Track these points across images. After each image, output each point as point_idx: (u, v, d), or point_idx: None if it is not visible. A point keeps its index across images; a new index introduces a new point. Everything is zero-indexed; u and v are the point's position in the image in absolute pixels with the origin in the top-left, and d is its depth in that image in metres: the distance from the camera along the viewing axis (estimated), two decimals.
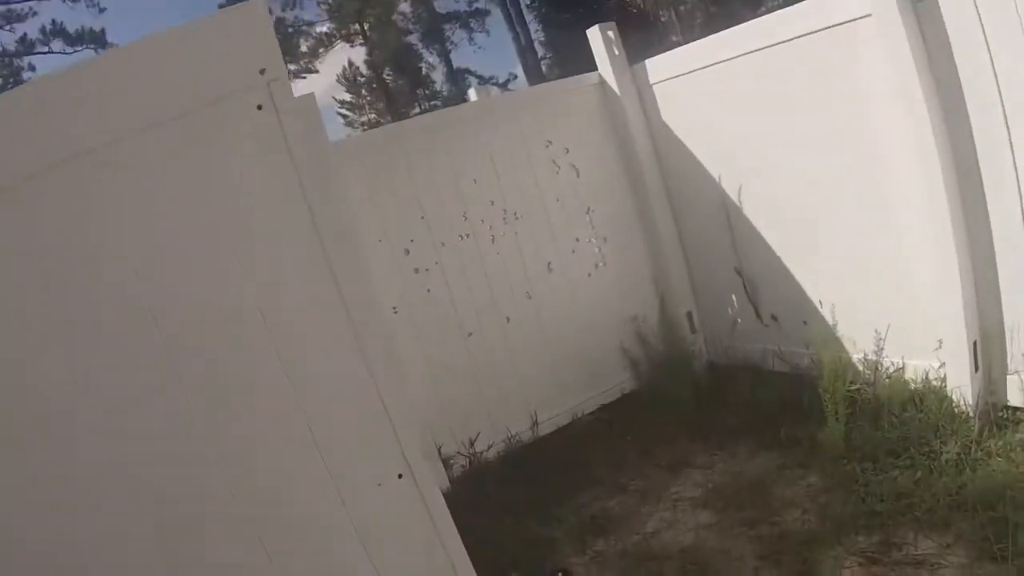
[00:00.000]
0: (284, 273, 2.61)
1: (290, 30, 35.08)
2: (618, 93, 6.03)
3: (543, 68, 33.40)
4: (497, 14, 35.06)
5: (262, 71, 2.50)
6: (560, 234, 6.02)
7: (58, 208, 2.33)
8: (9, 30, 29.65)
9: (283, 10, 34.26)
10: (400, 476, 2.73)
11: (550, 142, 5.98)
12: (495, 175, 5.78)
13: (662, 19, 28.94)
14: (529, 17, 33.88)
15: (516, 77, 36.83)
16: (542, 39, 34.18)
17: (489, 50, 45.29)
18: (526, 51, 34.07)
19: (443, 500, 2.83)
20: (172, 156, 2.44)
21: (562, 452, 5.40)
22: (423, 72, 38.38)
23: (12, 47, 29.83)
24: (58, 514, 2.35)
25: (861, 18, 4.18)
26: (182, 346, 2.47)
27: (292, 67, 35.29)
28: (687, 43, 5.72)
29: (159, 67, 2.44)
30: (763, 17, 4.91)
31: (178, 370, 2.45)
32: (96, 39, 30.40)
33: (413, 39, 37.72)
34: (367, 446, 2.73)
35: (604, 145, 6.21)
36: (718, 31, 5.29)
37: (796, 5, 4.56)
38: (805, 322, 5.23)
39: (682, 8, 28.65)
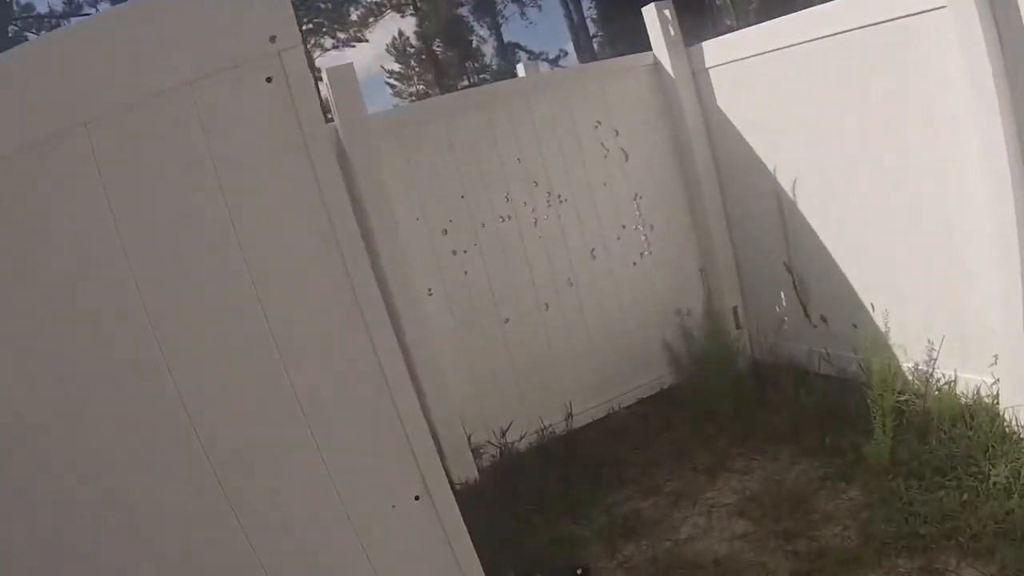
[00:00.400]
0: (287, 261, 2.41)
1: None
2: (672, 75, 5.82)
3: (595, 46, 33.17)
4: None
5: (273, 38, 2.27)
6: (605, 220, 5.85)
7: (57, 177, 2.15)
8: None
9: None
10: (417, 498, 2.57)
11: (599, 123, 5.80)
12: (540, 155, 5.62)
13: (716, 2, 28.54)
14: None
15: (567, 54, 36.72)
16: (595, 16, 33.98)
17: (540, 25, 45.02)
18: (578, 28, 33.87)
19: (464, 526, 2.68)
20: (174, 127, 2.23)
21: (596, 446, 5.26)
22: (473, 45, 38.43)
23: (60, 8, 30.10)
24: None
25: (934, 10, 3.92)
26: (168, 338, 2.28)
27: (342, 35, 35.45)
28: (740, 28, 5.52)
29: (158, 29, 2.23)
30: (828, 4, 4.66)
31: (166, 365, 2.27)
32: None
33: (464, 11, 37.71)
34: (380, 464, 2.56)
35: (655, 129, 6.01)
36: (772, 17, 5.08)
37: None
38: (855, 325, 5.02)
39: None
